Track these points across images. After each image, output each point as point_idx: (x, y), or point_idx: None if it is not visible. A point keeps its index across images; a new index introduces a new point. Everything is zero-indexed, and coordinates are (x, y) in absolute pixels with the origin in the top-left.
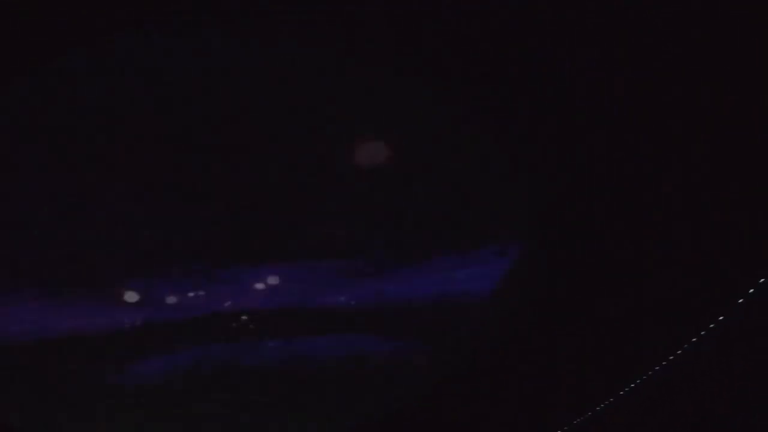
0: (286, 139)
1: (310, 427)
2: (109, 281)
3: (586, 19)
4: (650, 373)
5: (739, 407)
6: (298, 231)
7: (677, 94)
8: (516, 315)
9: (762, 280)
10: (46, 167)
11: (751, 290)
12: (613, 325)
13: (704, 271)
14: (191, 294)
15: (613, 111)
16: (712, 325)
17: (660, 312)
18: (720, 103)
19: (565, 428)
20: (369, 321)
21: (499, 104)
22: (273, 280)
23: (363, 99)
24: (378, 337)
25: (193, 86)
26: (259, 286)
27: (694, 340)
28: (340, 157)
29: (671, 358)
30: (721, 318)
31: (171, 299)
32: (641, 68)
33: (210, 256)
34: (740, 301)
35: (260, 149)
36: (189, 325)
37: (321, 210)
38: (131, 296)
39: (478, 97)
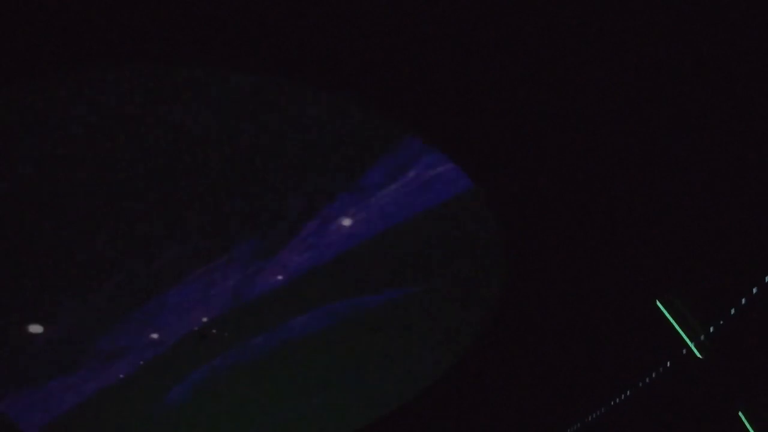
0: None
1: (331, 396)
2: (93, 347)
3: None
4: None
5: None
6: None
7: None
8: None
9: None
10: None
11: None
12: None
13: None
14: (150, 332)
15: None
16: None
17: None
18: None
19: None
20: (327, 287)
21: None
22: (202, 289)
23: None
24: (349, 299)
25: None
26: (198, 299)
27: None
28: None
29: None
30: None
31: (139, 341)
32: None
33: (135, 294)
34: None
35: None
36: (174, 355)
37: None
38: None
39: None
